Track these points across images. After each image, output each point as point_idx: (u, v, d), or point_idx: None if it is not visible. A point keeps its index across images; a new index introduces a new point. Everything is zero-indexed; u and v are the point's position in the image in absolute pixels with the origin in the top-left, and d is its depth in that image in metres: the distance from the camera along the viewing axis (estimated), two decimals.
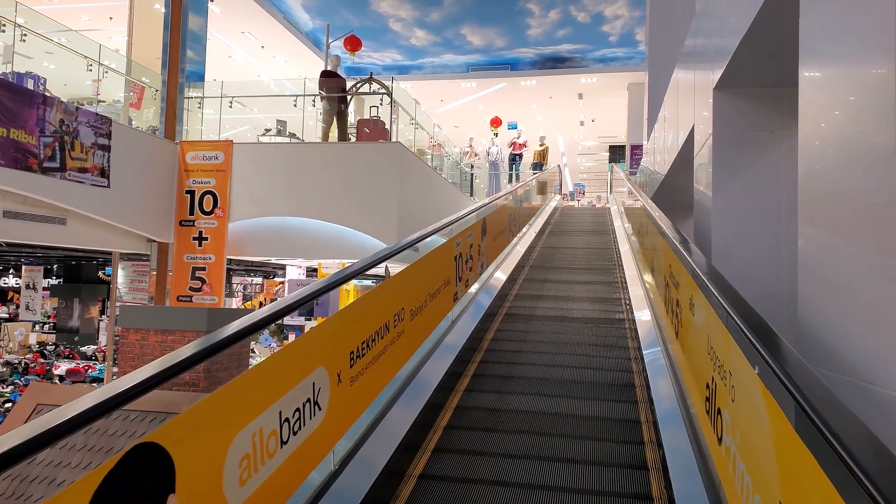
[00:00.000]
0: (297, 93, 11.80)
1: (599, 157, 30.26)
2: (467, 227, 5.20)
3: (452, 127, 25.96)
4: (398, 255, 3.54)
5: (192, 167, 11.14)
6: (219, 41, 16.62)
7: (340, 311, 2.68)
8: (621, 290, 6.86)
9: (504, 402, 3.98)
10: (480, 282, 6.06)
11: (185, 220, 11.05)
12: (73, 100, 9.98)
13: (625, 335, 5.39)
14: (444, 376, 4.13)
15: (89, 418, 1.43)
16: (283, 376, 2.19)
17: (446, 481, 3.05)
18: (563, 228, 12.45)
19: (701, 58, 4.74)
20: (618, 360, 4.69)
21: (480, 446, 3.41)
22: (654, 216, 4.51)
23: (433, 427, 3.60)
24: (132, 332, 6.59)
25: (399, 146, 10.31)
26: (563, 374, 4.44)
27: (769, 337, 1.81)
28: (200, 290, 11.02)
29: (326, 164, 10.56)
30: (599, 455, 3.32)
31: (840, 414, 1.33)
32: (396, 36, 17.37)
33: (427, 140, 15.20)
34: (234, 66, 17.95)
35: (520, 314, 6.05)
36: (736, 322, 1.98)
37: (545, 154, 19.09)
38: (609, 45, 17.57)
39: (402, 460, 3.17)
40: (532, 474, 3.13)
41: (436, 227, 4.35)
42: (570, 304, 6.33)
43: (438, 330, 4.41)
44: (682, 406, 3.36)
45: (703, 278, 2.52)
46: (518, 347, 5.14)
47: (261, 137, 13.40)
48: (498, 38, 17.47)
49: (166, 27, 11.47)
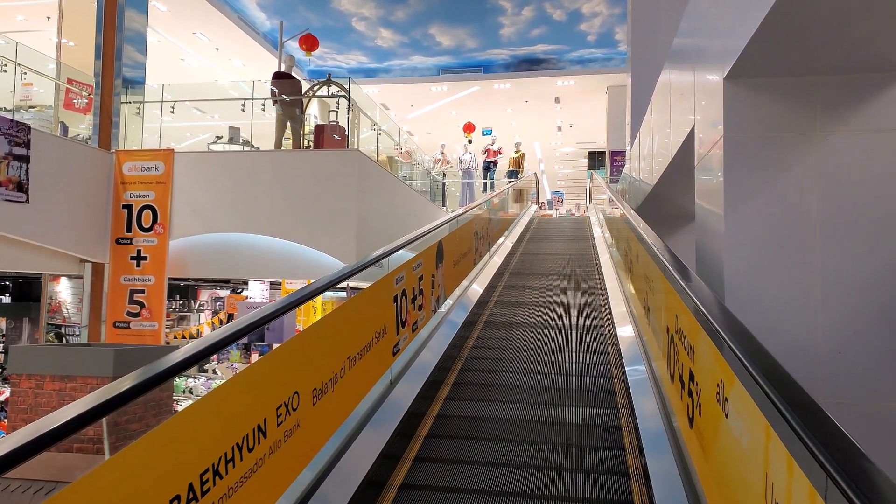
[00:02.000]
0: (254, 96, 10.78)
1: (578, 164, 29.57)
2: (419, 253, 4.25)
3: (425, 133, 25.10)
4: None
5: (129, 179, 10.10)
6: (170, 43, 15.58)
7: (174, 419, 1.70)
8: (607, 327, 5.98)
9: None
10: (436, 318, 5.09)
11: (122, 237, 10.02)
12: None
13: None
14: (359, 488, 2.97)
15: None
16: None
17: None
18: (538, 249, 11.58)
19: (704, 44, 3.87)
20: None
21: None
22: (657, 251, 3.56)
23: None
24: (24, 379, 5.54)
25: (358, 154, 9.37)
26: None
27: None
28: (139, 315, 9.96)
29: (278, 175, 9.60)
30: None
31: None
32: (361, 36, 16.43)
33: (395, 147, 14.26)
34: (187, 70, 16.90)
35: (476, 381, 4.49)
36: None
37: (521, 161, 18.27)
38: (587, 46, 16.80)
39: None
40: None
41: (362, 263, 3.40)
42: (545, 360, 5.27)
43: (370, 398, 3.42)
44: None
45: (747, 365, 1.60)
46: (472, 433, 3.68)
47: (211, 146, 12.40)
48: (469, 39, 16.61)
49: (99, 26, 10.41)
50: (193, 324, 17.91)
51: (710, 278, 3.43)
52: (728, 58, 3.15)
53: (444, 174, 19.08)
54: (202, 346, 2.08)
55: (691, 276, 2.65)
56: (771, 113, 3.21)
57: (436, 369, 4.52)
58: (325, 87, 11.97)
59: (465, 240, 6.07)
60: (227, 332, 2.24)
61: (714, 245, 3.48)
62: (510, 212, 13.60)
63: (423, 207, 14.26)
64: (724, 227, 3.28)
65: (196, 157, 10.13)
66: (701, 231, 3.86)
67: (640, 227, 4.22)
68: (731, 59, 3.08)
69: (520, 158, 18.29)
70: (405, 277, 3.87)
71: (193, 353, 2.02)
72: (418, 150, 17.12)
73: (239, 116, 11.64)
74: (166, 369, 1.83)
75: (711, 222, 3.58)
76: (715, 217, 3.49)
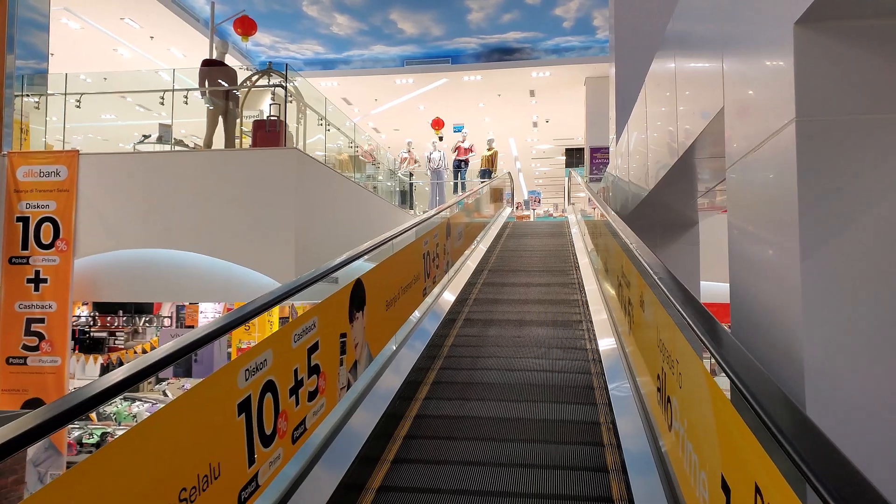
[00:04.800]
0: (175, 87, 9.30)
1: (556, 161, 28.32)
2: (314, 307, 2.85)
3: (393, 130, 23.71)
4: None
5: (24, 186, 8.61)
6: (97, 31, 13.98)
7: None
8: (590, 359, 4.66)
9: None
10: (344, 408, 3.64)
11: (17, 256, 8.51)
12: None
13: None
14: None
15: None
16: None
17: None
18: (512, 265, 10.29)
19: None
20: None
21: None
22: (683, 313, 2.26)
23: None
24: None
25: (296, 153, 7.98)
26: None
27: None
28: (38, 348, 8.47)
29: (205, 180, 8.20)
30: None
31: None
32: (314, 23, 14.95)
33: (351, 145, 12.85)
34: (121, 62, 15.30)
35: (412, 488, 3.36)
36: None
37: (494, 160, 16.96)
38: (563, 33, 15.49)
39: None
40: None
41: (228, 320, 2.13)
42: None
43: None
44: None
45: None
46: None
47: (137, 146, 10.88)
48: (434, 26, 15.21)
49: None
50: (150, 337, 16.48)
51: (774, 360, 2.11)
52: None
53: (410, 174, 17.71)
54: (53, 413, 1.57)
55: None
56: (878, 80, 1.90)
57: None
58: (267, 78, 10.52)
59: (407, 267, 4.67)
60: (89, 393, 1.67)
61: (774, 299, 2.16)
62: (477, 220, 12.29)
63: (386, 213, 12.87)
64: (798, 273, 1.95)
65: (107, 160, 8.65)
66: (744, 270, 2.54)
67: (645, 261, 2.90)
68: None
69: (492, 157, 16.99)
70: (310, 334, 2.46)
71: (42, 420, 1.53)
72: (379, 149, 15.71)
73: (180, 113, 10.18)
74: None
75: (767, 260, 2.26)
76: (777, 253, 2.16)
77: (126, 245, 8.40)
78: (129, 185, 8.40)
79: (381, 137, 24.57)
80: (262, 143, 9.40)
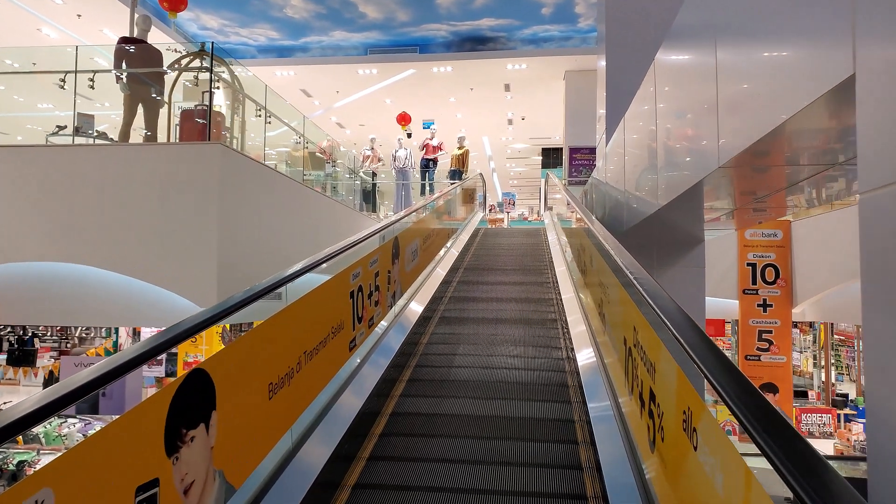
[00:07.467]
0: (77, 68, 7.91)
1: (531, 162, 27.20)
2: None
3: (358, 126, 22.39)
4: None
5: None
6: (18, 8, 12.45)
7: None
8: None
9: None
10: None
11: None
12: None
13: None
14: None
15: None
16: None
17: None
18: (481, 279, 9.09)
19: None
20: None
21: None
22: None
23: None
24: None
25: (220, 149, 6.68)
26: None
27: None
28: None
29: (117, 180, 6.88)
30: None
31: None
32: (266, 5, 13.56)
33: (298, 141, 11.53)
34: (47, 42, 13.76)
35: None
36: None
37: (465, 159, 15.72)
38: (541, 21, 14.28)
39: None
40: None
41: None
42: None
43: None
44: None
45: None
46: None
47: (50, 138, 9.43)
48: (400, 11, 13.90)
49: None
50: (98, 343, 15.28)
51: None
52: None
53: (374, 174, 16.40)
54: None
55: None
56: None
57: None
58: (200, 61, 9.15)
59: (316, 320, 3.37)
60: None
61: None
62: (454, 217, 11.07)
63: (343, 219, 11.56)
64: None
65: (2, 154, 7.23)
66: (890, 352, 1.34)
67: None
68: None
69: (463, 156, 15.77)
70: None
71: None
72: (338, 146, 14.38)
73: (111, 101, 8.77)
74: None
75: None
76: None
77: (17, 257, 7.03)
78: (24, 186, 7.01)
79: (345, 133, 23.19)
80: (189, 137, 8.07)
